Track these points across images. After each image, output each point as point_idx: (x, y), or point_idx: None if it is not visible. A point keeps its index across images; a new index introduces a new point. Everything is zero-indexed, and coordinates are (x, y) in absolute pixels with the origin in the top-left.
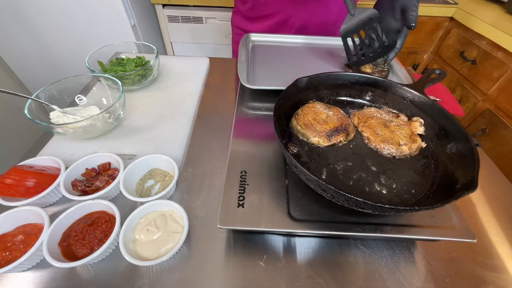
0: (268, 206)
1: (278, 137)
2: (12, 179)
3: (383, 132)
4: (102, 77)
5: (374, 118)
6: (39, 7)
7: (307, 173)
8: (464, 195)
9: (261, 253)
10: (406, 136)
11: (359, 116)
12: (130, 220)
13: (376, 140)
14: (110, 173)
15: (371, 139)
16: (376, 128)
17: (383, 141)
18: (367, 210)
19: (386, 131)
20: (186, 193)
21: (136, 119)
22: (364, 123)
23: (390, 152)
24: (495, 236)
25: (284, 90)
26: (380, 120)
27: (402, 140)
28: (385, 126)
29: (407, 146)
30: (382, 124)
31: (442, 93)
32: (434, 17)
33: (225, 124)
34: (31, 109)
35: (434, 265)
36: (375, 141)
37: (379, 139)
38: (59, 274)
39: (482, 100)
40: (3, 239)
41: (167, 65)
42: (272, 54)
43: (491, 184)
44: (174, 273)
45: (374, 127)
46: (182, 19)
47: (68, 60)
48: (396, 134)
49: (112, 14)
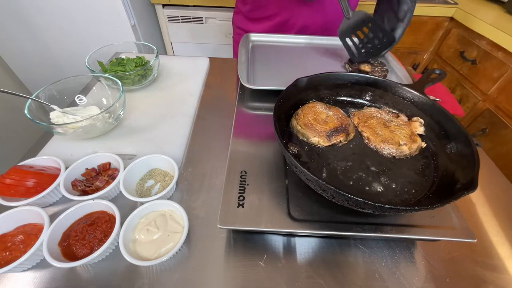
0: (268, 206)
1: (278, 137)
2: (12, 179)
3: (383, 132)
4: (102, 77)
5: (374, 118)
6: (39, 7)
7: (307, 173)
8: (464, 195)
9: (261, 253)
10: (406, 136)
11: (359, 116)
12: (130, 220)
13: (376, 140)
14: (110, 173)
15: (371, 139)
16: (376, 128)
17: (383, 141)
18: (367, 210)
19: (386, 131)
20: (186, 193)
21: (136, 119)
22: (364, 123)
23: (390, 152)
24: (495, 236)
25: (284, 90)
26: (380, 120)
27: (402, 140)
28: (385, 126)
29: (407, 146)
30: (382, 124)
31: (442, 93)
32: (434, 17)
33: (225, 124)
34: (31, 109)
35: (434, 265)
36: (375, 141)
37: (379, 139)
38: (59, 274)
39: (482, 100)
40: (3, 239)
41: (167, 65)
42: (272, 54)
43: (491, 184)
44: (174, 273)
45: (374, 127)
46: (182, 19)
47: (68, 60)
48: (396, 134)
49: (112, 14)
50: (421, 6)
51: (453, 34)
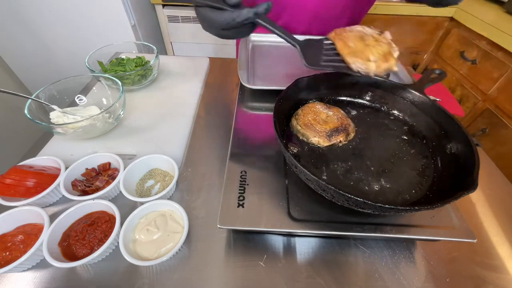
0: (268, 206)
1: (278, 137)
2: (12, 179)
3: (356, 45)
4: (102, 77)
5: (354, 31)
6: (39, 7)
7: (307, 173)
8: (464, 195)
9: (261, 253)
10: (380, 53)
11: (337, 31)
12: (130, 220)
13: (344, 52)
14: (110, 173)
15: (341, 52)
16: (349, 40)
17: (351, 53)
18: (367, 210)
19: (360, 44)
20: (186, 193)
21: (136, 119)
22: (339, 35)
23: (358, 67)
24: (495, 236)
25: (284, 90)
26: (358, 34)
27: (374, 55)
28: (361, 39)
29: (376, 64)
30: (359, 37)
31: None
32: (434, 17)
33: (225, 124)
34: (31, 109)
35: (434, 265)
36: (343, 53)
37: (347, 51)
38: (59, 274)
39: (482, 100)
40: (3, 239)
41: (167, 65)
42: (272, 54)
43: (491, 184)
44: (174, 273)
45: (347, 39)
46: (182, 19)
47: (68, 60)
48: (369, 49)
49: (112, 14)
50: (421, 6)
51: (453, 34)
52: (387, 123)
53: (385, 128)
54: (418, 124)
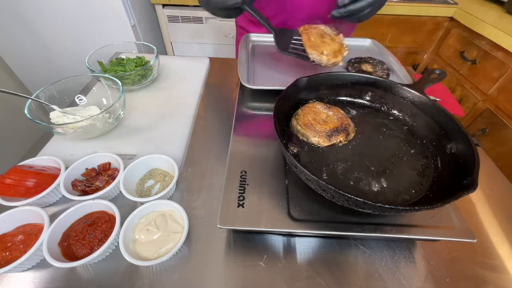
0: (268, 206)
1: (278, 137)
2: (12, 179)
3: (316, 40)
4: (102, 77)
5: (317, 29)
6: (39, 7)
7: (307, 173)
8: (464, 195)
9: (261, 253)
10: (332, 50)
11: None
12: (130, 220)
13: (306, 44)
14: (110, 173)
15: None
16: (312, 36)
17: (311, 46)
18: (367, 210)
19: (319, 40)
20: (186, 193)
21: (136, 119)
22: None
23: (314, 57)
24: (495, 236)
25: (284, 90)
26: (320, 32)
27: (326, 51)
28: (321, 36)
29: (327, 58)
30: (320, 35)
31: (442, 93)
32: (434, 17)
33: (225, 124)
34: (31, 109)
35: (434, 265)
36: (305, 45)
37: (309, 44)
38: (59, 274)
39: (482, 100)
40: (3, 239)
41: (167, 65)
42: (272, 54)
43: (491, 184)
44: (174, 273)
45: (311, 34)
46: (182, 19)
47: (68, 60)
48: (325, 45)
49: (112, 14)
50: (421, 6)
51: (453, 34)
52: (387, 123)
53: (385, 128)
54: (418, 124)
